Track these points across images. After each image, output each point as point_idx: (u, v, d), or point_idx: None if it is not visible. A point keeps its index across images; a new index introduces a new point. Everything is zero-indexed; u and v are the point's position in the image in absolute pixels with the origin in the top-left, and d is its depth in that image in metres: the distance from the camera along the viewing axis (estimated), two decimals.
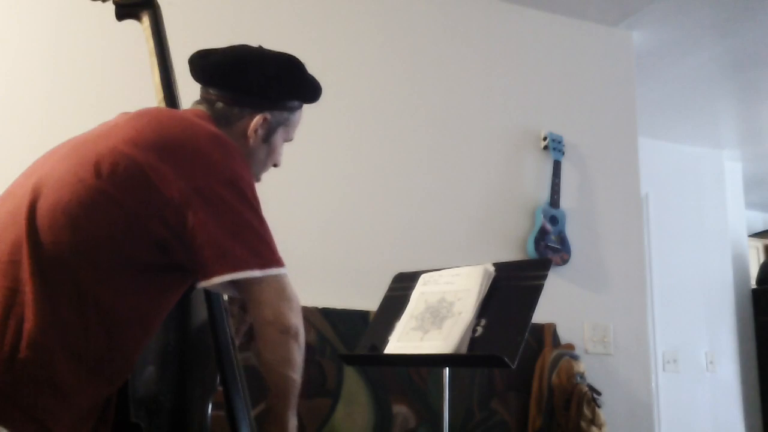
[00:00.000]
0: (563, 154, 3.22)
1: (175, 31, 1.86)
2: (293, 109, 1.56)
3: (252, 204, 1.34)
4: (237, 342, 1.62)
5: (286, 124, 1.56)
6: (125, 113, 1.46)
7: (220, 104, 1.49)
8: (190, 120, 1.42)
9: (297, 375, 1.38)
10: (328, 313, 2.67)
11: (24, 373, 1.16)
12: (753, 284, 5.33)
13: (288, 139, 1.59)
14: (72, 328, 1.21)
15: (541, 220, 3.09)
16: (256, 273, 1.30)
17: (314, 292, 2.66)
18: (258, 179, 1.55)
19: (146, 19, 1.78)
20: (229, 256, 1.28)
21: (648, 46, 3.62)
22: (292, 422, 1.39)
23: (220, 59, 1.51)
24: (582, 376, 2.85)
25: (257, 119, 1.49)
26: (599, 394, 2.83)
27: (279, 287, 1.33)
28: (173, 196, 1.26)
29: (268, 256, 1.33)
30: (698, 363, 4.83)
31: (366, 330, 2.07)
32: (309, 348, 2.63)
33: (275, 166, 1.60)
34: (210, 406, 1.58)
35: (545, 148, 3.21)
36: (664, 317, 4.65)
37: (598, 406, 2.80)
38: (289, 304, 1.35)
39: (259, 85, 1.50)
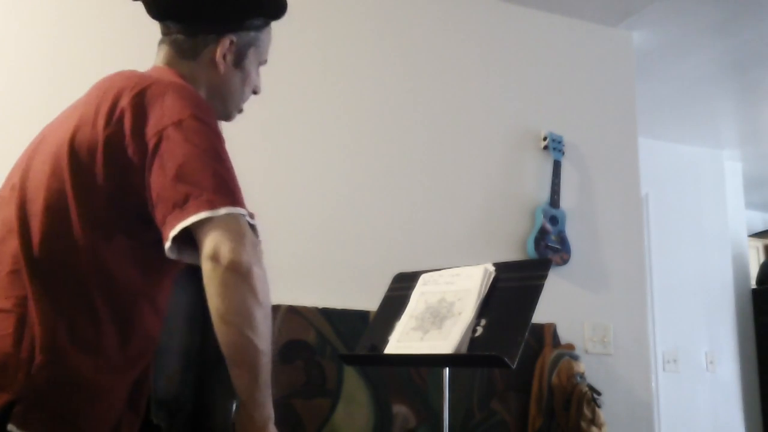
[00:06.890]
0: (563, 154, 3.22)
1: None
2: (259, 28, 1.46)
3: (207, 139, 1.19)
4: None
5: (256, 45, 1.46)
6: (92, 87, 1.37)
7: (180, 36, 1.40)
8: (144, 76, 1.33)
9: (256, 337, 1.12)
10: (328, 313, 2.67)
11: (43, 378, 1.14)
12: (753, 284, 5.33)
13: (262, 62, 1.50)
14: (81, 324, 1.18)
15: (541, 220, 3.09)
16: (205, 214, 1.11)
17: (314, 292, 2.66)
18: (240, 110, 1.48)
19: None
20: (177, 204, 1.12)
21: (648, 46, 3.62)
22: (266, 411, 1.18)
23: None
24: (582, 376, 2.85)
25: (222, 43, 1.40)
26: (599, 394, 2.83)
27: (231, 224, 1.12)
28: (134, 160, 1.19)
29: (223, 193, 1.14)
30: (698, 363, 4.83)
31: (366, 330, 2.07)
32: (309, 348, 2.64)
33: (255, 93, 1.51)
34: (235, 405, 1.55)
35: (545, 148, 3.21)
36: (664, 317, 4.65)
37: (598, 406, 2.80)
38: (241, 239, 1.11)
39: (215, 4, 1.40)
